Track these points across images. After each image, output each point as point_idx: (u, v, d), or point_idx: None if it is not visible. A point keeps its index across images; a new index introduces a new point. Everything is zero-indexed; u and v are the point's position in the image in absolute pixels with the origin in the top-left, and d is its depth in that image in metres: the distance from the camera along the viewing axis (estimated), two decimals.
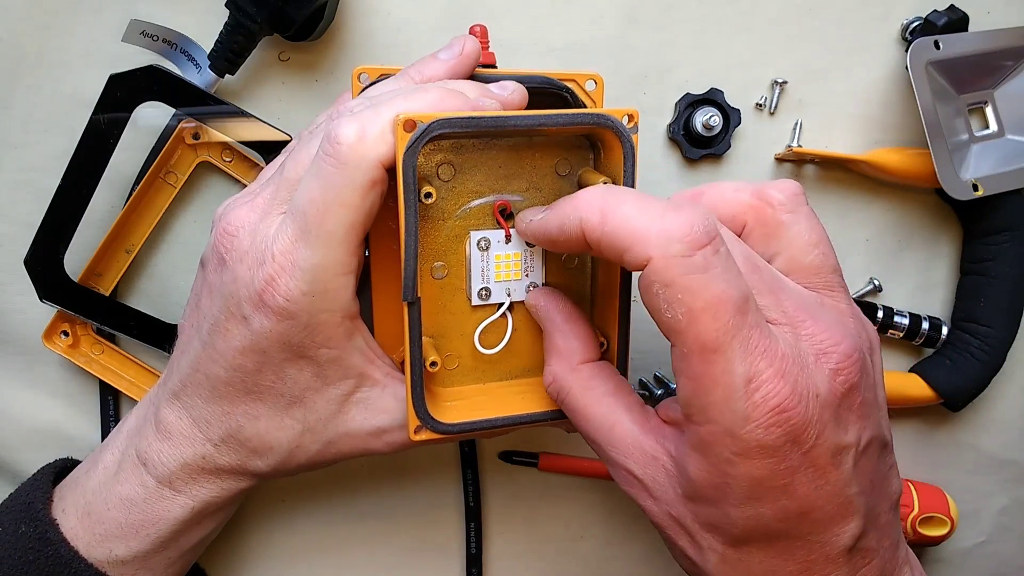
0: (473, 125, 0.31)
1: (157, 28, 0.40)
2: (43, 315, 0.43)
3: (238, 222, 0.34)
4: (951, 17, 0.45)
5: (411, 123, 0.30)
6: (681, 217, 0.27)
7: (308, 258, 0.31)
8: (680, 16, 0.45)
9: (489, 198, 0.35)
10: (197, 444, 0.36)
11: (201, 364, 0.35)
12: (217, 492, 0.37)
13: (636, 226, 0.27)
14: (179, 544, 0.37)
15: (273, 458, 0.36)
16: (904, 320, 0.48)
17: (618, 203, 0.28)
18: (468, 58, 0.36)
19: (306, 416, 0.35)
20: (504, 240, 0.36)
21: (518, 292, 0.36)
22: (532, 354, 0.37)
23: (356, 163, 0.31)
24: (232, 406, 0.35)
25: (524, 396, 0.37)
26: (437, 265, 0.35)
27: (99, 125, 0.39)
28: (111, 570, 0.36)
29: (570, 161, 0.36)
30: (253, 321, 0.33)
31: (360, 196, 0.31)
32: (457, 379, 0.37)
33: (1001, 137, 0.47)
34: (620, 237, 0.28)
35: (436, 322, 0.36)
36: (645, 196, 0.28)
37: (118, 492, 0.36)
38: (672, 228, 0.26)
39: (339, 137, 0.31)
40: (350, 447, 0.36)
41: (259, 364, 0.34)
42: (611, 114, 0.33)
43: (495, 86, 0.35)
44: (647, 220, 0.27)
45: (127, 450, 0.37)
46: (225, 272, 0.34)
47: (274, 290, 0.32)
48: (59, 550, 0.35)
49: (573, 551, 0.49)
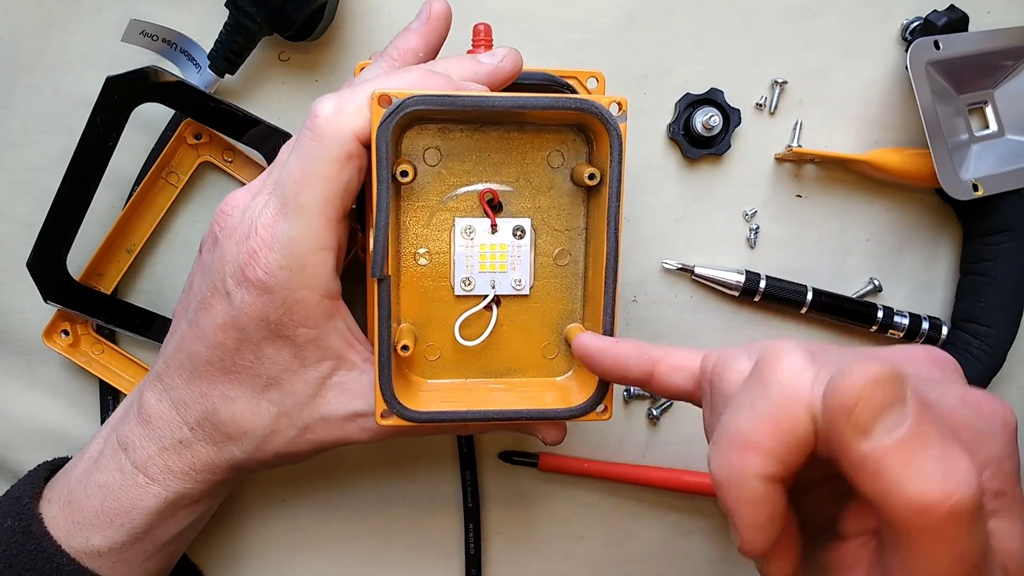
0: (449, 103, 0.31)
1: (157, 28, 0.40)
2: (43, 315, 0.43)
3: (234, 202, 0.35)
4: (951, 17, 0.45)
5: (386, 98, 0.31)
6: (954, 478, 0.20)
7: (286, 231, 0.32)
8: (680, 16, 0.45)
9: (477, 186, 0.35)
10: (175, 427, 0.36)
11: (185, 343, 0.35)
12: (191, 484, 0.37)
13: (917, 483, 0.21)
14: (154, 536, 0.37)
15: (248, 443, 0.36)
16: (904, 320, 0.48)
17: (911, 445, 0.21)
18: (436, 20, 0.36)
19: (282, 399, 0.35)
20: (490, 230, 0.35)
21: (504, 285, 0.36)
22: (516, 353, 0.37)
23: (331, 136, 0.31)
24: (210, 387, 0.35)
25: (504, 394, 0.36)
26: (421, 251, 0.35)
27: (97, 127, 0.39)
28: (89, 561, 0.36)
29: (563, 154, 0.35)
30: (235, 296, 0.33)
31: (336, 169, 0.32)
32: (438, 372, 0.37)
33: (1001, 137, 0.47)
34: (880, 488, 0.21)
35: (419, 310, 0.36)
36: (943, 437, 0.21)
37: (97, 479, 0.36)
38: (956, 491, 0.20)
39: (317, 111, 0.32)
40: (326, 433, 0.36)
41: (238, 342, 0.34)
42: (598, 100, 0.32)
43: (486, 54, 0.35)
44: (929, 478, 0.21)
45: (110, 437, 0.37)
46: (216, 249, 0.34)
47: (255, 263, 0.32)
48: (42, 544, 0.35)
49: (573, 551, 0.49)
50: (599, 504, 0.49)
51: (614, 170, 0.33)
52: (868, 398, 0.21)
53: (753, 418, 0.24)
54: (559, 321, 0.37)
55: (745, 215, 0.47)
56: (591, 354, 0.33)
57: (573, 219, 0.36)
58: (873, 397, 0.21)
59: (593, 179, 0.34)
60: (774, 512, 0.24)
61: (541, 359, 0.37)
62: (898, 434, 0.21)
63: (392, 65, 0.35)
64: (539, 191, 0.36)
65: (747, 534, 0.24)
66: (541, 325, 0.37)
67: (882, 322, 0.47)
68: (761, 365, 0.25)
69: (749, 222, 0.47)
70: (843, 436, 0.21)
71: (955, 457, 0.21)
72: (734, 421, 0.24)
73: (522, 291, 0.36)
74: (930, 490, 0.20)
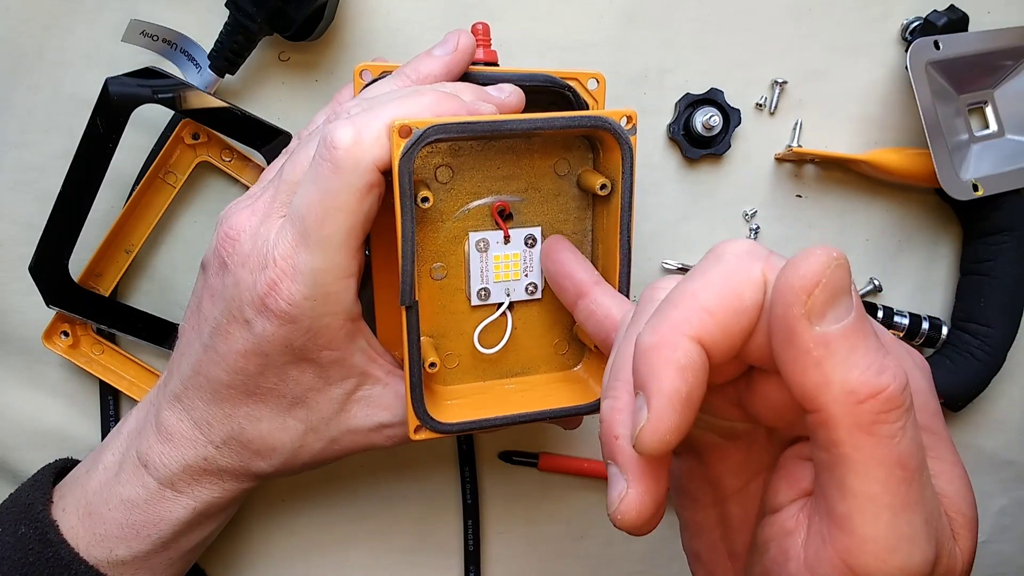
0: (469, 130, 0.31)
1: (157, 28, 0.40)
2: (43, 315, 0.43)
3: (239, 226, 0.34)
4: (951, 17, 0.45)
5: (406, 129, 0.30)
6: (888, 372, 0.21)
7: (308, 263, 0.31)
8: (680, 16, 0.45)
9: (487, 199, 0.35)
10: (199, 446, 0.36)
11: (202, 367, 0.35)
12: (220, 493, 0.37)
13: (828, 371, 0.21)
14: (180, 545, 0.37)
15: (277, 459, 0.36)
16: (904, 320, 0.48)
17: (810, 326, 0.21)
18: (463, 53, 0.36)
19: (309, 416, 0.35)
20: (503, 241, 0.36)
21: (517, 292, 0.36)
22: (530, 352, 0.38)
23: (352, 167, 0.31)
24: (234, 408, 0.35)
25: (523, 395, 0.37)
26: (436, 266, 0.35)
27: (97, 130, 0.39)
28: (111, 570, 0.36)
29: (569, 161, 0.36)
30: (255, 325, 0.33)
31: (357, 200, 0.31)
32: (457, 377, 0.37)
33: (1001, 137, 0.47)
34: (795, 378, 0.21)
35: (436, 322, 0.36)
36: (865, 329, 0.21)
37: (119, 493, 0.36)
38: (892, 383, 0.21)
39: (335, 141, 0.31)
40: (353, 443, 0.36)
41: (261, 367, 0.34)
42: (609, 116, 0.33)
43: (492, 89, 0.35)
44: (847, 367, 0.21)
45: (128, 451, 0.37)
46: (227, 276, 0.34)
47: (277, 294, 0.32)
48: (59, 551, 0.35)
49: (573, 551, 0.49)
50: (599, 504, 0.49)
51: (626, 181, 0.33)
52: (827, 282, 0.21)
53: (702, 280, 0.23)
54: (569, 319, 0.37)
55: (745, 215, 0.47)
56: (544, 250, 0.35)
57: (580, 223, 0.37)
58: (832, 281, 0.21)
59: (604, 189, 0.34)
60: (694, 391, 0.22)
61: (554, 355, 0.38)
62: (846, 322, 0.21)
63: (408, 85, 0.35)
64: (547, 199, 0.36)
65: (661, 411, 0.22)
66: (552, 324, 0.38)
67: (882, 322, 0.47)
68: (715, 248, 0.24)
69: (749, 222, 0.47)
70: (793, 319, 0.21)
71: (889, 356, 0.21)
72: (680, 287, 0.23)
73: (535, 296, 0.37)
74: (869, 380, 0.20)
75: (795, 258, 0.21)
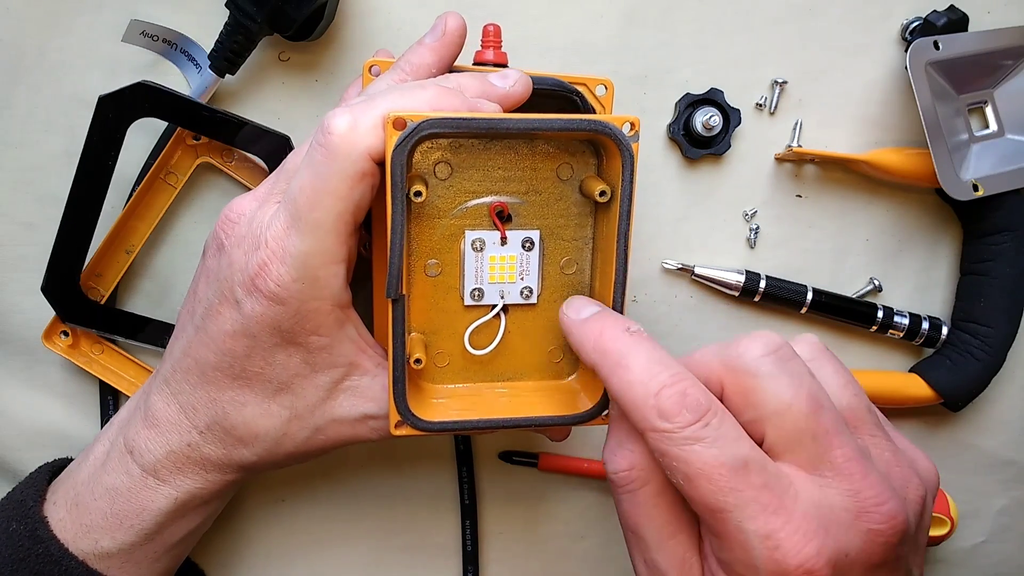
0: (464, 126, 0.31)
1: (157, 28, 0.40)
2: (43, 315, 0.43)
3: (240, 209, 0.35)
4: (951, 17, 0.45)
5: (401, 121, 0.31)
6: (674, 396, 0.28)
7: (297, 245, 0.32)
8: (680, 16, 0.45)
9: (486, 199, 0.35)
10: (183, 431, 0.36)
11: (192, 348, 0.35)
12: (202, 484, 0.37)
13: (634, 398, 0.28)
14: (164, 537, 0.37)
15: (260, 446, 0.36)
16: (904, 320, 0.48)
17: (625, 369, 0.29)
18: (452, 36, 0.36)
19: (294, 403, 0.35)
20: (500, 242, 0.35)
21: (512, 295, 0.36)
22: (523, 358, 0.37)
23: (346, 154, 0.31)
24: (219, 392, 0.35)
25: (512, 400, 0.36)
26: (431, 263, 0.35)
27: (95, 147, 0.39)
28: (97, 563, 0.36)
29: (572, 166, 0.35)
30: (245, 305, 0.33)
31: (348, 187, 0.31)
32: (447, 377, 0.37)
33: (1001, 137, 0.47)
34: (622, 401, 0.29)
35: (428, 319, 0.36)
36: (655, 361, 0.29)
37: (104, 482, 0.36)
38: (664, 407, 0.28)
39: (331, 127, 0.31)
40: (338, 433, 0.36)
41: (248, 348, 0.34)
42: (611, 121, 0.33)
43: (496, 77, 0.35)
44: (643, 394, 0.28)
45: (116, 439, 0.37)
46: (223, 256, 0.34)
47: (266, 275, 0.32)
48: (49, 547, 0.35)
49: (573, 551, 0.49)
50: (599, 504, 0.49)
51: (625, 189, 0.33)
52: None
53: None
54: None
55: (745, 215, 0.47)
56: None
57: (581, 229, 0.36)
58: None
59: (604, 196, 0.34)
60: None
61: (547, 363, 0.38)
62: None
63: (403, 79, 0.35)
64: (548, 203, 0.36)
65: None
66: (547, 331, 0.37)
67: (882, 322, 0.48)
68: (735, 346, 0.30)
69: (749, 222, 0.47)
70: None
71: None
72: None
73: (531, 301, 0.37)
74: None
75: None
